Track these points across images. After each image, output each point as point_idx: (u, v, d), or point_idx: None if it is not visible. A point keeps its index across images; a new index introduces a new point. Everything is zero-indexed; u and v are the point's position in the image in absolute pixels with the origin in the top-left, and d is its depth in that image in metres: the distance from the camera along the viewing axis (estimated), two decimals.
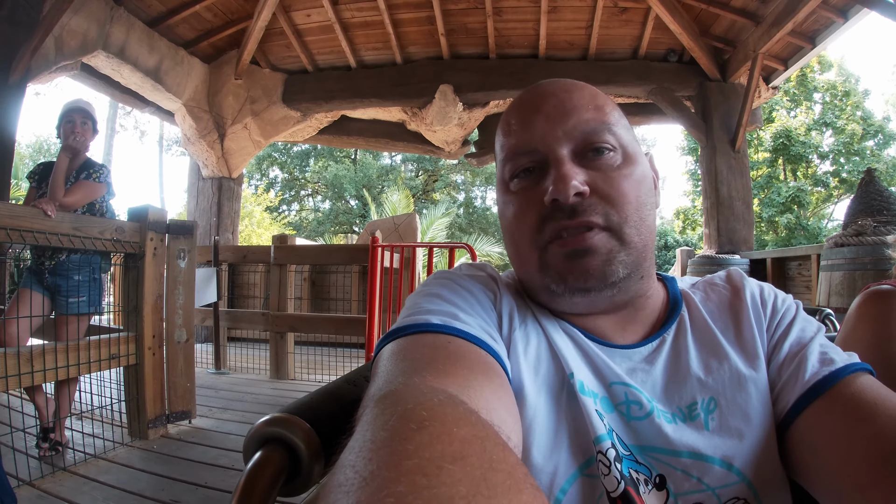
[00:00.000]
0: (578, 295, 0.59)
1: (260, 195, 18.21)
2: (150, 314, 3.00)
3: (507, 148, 0.63)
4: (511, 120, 0.64)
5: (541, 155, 0.60)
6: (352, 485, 0.25)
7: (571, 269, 0.58)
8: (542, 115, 0.61)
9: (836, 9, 4.93)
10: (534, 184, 0.61)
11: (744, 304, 0.65)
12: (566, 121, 0.60)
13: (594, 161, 0.60)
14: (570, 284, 0.58)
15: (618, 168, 0.60)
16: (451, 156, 7.86)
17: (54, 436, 2.71)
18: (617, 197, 0.58)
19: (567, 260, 0.58)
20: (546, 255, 0.59)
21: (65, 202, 2.74)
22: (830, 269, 3.63)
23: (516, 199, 0.62)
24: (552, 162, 0.59)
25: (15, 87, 4.25)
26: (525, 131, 0.61)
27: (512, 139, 0.63)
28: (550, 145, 0.59)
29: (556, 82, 0.65)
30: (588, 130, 0.60)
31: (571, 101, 0.61)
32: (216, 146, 6.81)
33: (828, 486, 0.51)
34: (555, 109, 0.61)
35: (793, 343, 0.60)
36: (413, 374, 0.45)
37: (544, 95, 0.63)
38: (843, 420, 0.50)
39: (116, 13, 5.27)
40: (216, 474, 2.48)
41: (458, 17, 6.22)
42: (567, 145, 0.59)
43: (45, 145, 21.82)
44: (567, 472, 0.54)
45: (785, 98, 18.75)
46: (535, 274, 0.61)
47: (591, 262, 0.57)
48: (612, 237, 0.58)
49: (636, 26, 6.09)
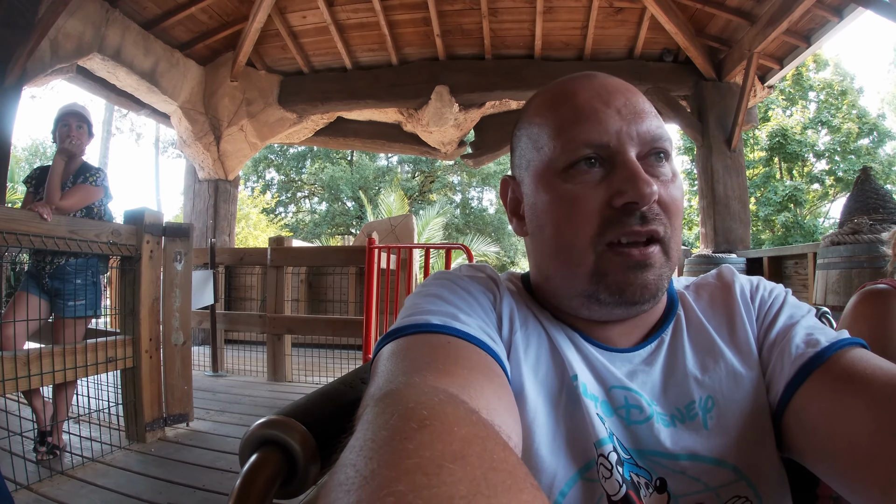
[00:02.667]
0: (624, 307, 0.58)
1: (256, 197, 18.14)
2: (146, 317, 2.99)
3: (568, 136, 0.58)
4: (571, 106, 0.59)
5: (610, 151, 0.56)
6: (352, 483, 0.25)
7: (631, 282, 0.56)
8: (614, 109, 0.57)
9: (831, 8, 4.94)
10: (595, 179, 0.57)
11: (734, 301, 0.65)
12: (639, 122, 0.57)
13: (655, 168, 0.58)
14: (626, 297, 0.56)
15: (671, 180, 0.59)
16: (447, 157, 7.86)
17: (52, 439, 2.70)
18: (673, 210, 0.58)
19: (628, 272, 0.56)
20: (603, 261, 0.56)
21: (61, 206, 2.73)
22: (827, 268, 3.64)
23: (573, 192, 0.57)
24: (625, 162, 0.56)
25: (10, 89, 4.23)
26: (594, 121, 0.57)
27: (577, 127, 0.57)
28: (624, 143, 0.56)
29: (613, 78, 0.62)
30: (656, 136, 0.58)
31: (640, 104, 0.59)
32: (212, 148, 6.79)
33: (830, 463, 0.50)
34: (626, 107, 0.58)
35: (780, 329, 0.60)
36: (413, 373, 0.45)
37: (610, 89, 0.59)
38: (836, 395, 0.50)
39: (112, 15, 5.25)
40: (213, 477, 2.47)
41: (453, 18, 6.22)
42: (635, 148, 0.57)
43: (41, 148, 21.73)
44: (566, 474, 0.55)
45: (780, 97, 18.80)
46: (581, 278, 0.58)
47: (649, 276, 0.56)
48: (662, 251, 0.57)
49: (631, 26, 6.10)
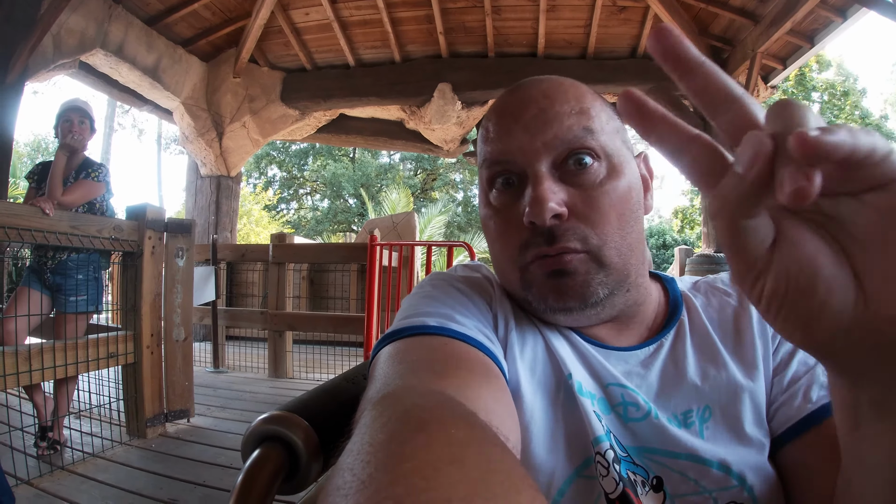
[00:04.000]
0: (560, 313, 0.59)
1: (258, 193, 18.16)
2: (148, 313, 2.99)
3: (484, 155, 0.61)
4: (489, 125, 0.61)
5: (519, 167, 0.58)
6: (350, 488, 0.25)
7: (552, 289, 0.57)
8: (521, 124, 0.58)
9: (834, 8, 4.93)
10: (513, 199, 0.59)
11: (748, 314, 0.64)
12: (546, 131, 0.57)
13: (576, 176, 0.57)
14: (550, 304, 0.58)
15: (600, 184, 0.57)
16: (449, 154, 7.85)
17: (53, 434, 2.71)
18: (597, 218, 0.56)
19: (547, 279, 0.57)
20: (527, 273, 0.59)
21: (63, 201, 2.74)
22: None
23: (497, 217, 0.61)
24: (530, 178, 0.57)
25: (13, 85, 4.23)
26: (503, 140, 0.59)
27: (489, 147, 0.60)
28: (529, 159, 0.57)
29: (540, 84, 0.61)
30: (569, 139, 0.56)
31: (553, 109, 0.58)
32: (214, 144, 6.79)
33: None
34: (534, 119, 0.57)
35: (801, 360, 0.60)
36: (410, 376, 0.45)
37: (525, 102, 0.59)
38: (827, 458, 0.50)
39: (115, 11, 5.25)
40: (214, 473, 2.48)
41: (456, 16, 6.21)
42: (547, 158, 0.57)
43: (43, 144, 21.76)
44: (564, 473, 0.54)
45: (783, 97, 18.75)
46: (517, 290, 0.61)
47: (569, 282, 0.56)
48: (591, 259, 0.56)
49: (635, 25, 6.09)
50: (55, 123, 2.95)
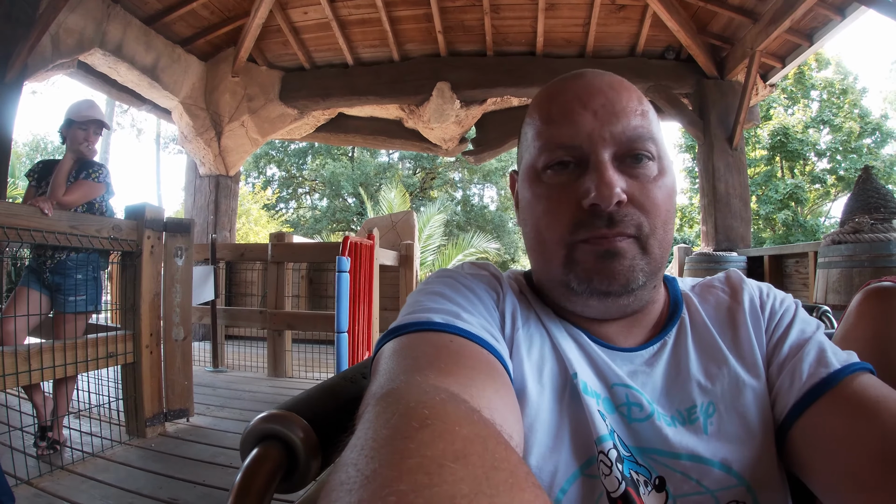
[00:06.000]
0: (597, 297, 0.59)
1: (257, 193, 18.12)
2: (147, 312, 2.99)
3: (545, 137, 0.60)
4: (552, 108, 0.61)
5: (583, 153, 0.58)
6: (354, 483, 0.25)
7: (599, 270, 0.57)
8: (590, 111, 0.58)
9: (833, 6, 4.92)
10: (569, 180, 0.59)
11: (741, 308, 0.65)
12: (614, 123, 0.58)
13: (633, 168, 0.59)
14: (594, 285, 0.58)
15: (654, 179, 0.59)
16: (448, 153, 7.84)
17: (52, 434, 2.71)
18: (651, 209, 0.58)
19: (597, 261, 0.57)
20: (574, 251, 0.58)
21: (64, 201, 2.75)
22: (828, 267, 3.64)
23: (549, 193, 0.60)
24: (595, 164, 0.57)
25: (11, 85, 4.23)
26: (569, 124, 0.59)
27: (553, 129, 0.60)
28: (595, 146, 0.58)
29: (603, 76, 0.62)
30: (634, 137, 0.58)
31: (620, 103, 0.59)
32: (213, 144, 6.79)
33: (832, 485, 0.51)
34: (603, 108, 0.59)
35: (792, 344, 0.60)
36: (415, 372, 0.45)
37: (592, 90, 0.60)
38: (845, 420, 0.50)
39: (113, 11, 5.24)
40: (214, 472, 2.48)
41: (455, 15, 6.20)
42: (610, 148, 0.58)
43: (41, 143, 21.73)
44: (567, 471, 0.55)
45: (782, 95, 18.76)
46: (556, 269, 0.60)
47: (618, 266, 0.57)
48: (638, 246, 0.58)
49: (634, 24, 6.08)
50: (66, 125, 2.91)
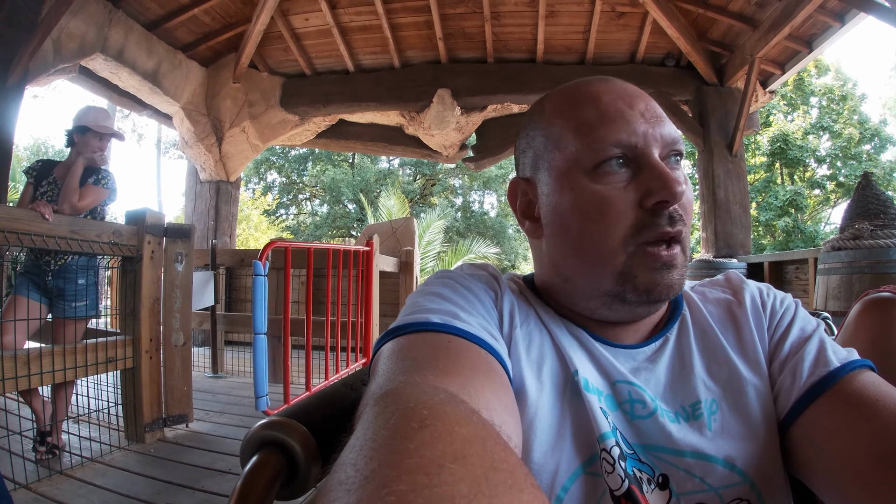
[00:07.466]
0: (647, 306, 0.59)
1: (257, 199, 18.19)
2: (147, 317, 2.99)
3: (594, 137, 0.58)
4: (597, 108, 0.60)
5: (637, 152, 0.58)
6: (353, 483, 0.25)
7: (658, 283, 0.57)
8: (637, 112, 0.59)
9: (832, 13, 4.94)
10: (625, 180, 0.58)
11: (743, 308, 0.65)
12: (660, 126, 0.59)
13: (674, 171, 0.59)
14: (653, 297, 0.58)
15: (685, 181, 0.59)
16: (448, 160, 7.85)
17: (51, 439, 2.70)
18: (687, 207, 0.59)
19: (655, 273, 0.57)
20: (633, 262, 0.57)
21: (79, 206, 2.77)
22: (827, 273, 3.63)
23: (603, 192, 0.58)
24: (653, 163, 0.57)
25: (13, 89, 4.24)
26: (623, 123, 0.58)
27: (604, 129, 0.58)
28: (650, 145, 0.58)
29: (627, 84, 0.63)
30: (675, 139, 0.60)
31: (658, 108, 0.61)
32: (214, 149, 6.80)
33: (832, 484, 0.51)
34: (648, 111, 0.60)
35: (793, 342, 0.61)
36: (414, 372, 0.45)
37: (631, 93, 0.61)
38: (845, 418, 0.51)
39: (115, 16, 5.26)
40: (213, 478, 2.47)
41: (456, 22, 6.22)
42: (658, 150, 0.59)
43: (42, 148, 21.76)
44: (569, 469, 0.55)
45: (782, 102, 18.82)
46: (607, 278, 0.58)
47: (674, 276, 0.58)
48: (682, 251, 0.59)
49: (634, 31, 6.10)
50: (79, 131, 2.90)
